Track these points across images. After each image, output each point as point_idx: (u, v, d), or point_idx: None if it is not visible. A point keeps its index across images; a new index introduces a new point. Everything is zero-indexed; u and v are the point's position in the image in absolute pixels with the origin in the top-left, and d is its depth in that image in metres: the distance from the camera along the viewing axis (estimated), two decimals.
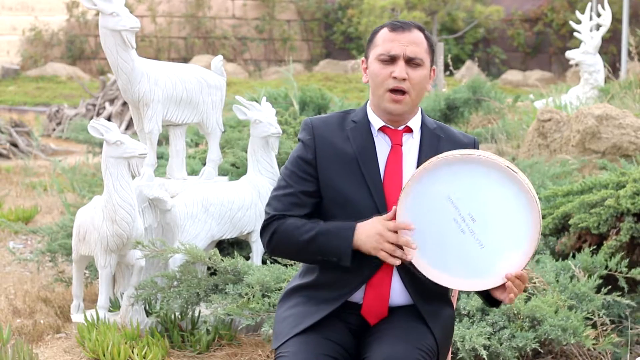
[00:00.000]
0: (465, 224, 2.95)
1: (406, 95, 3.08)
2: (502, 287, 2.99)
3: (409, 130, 3.15)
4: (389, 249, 2.96)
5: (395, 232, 2.97)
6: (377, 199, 3.06)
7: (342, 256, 3.01)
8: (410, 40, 3.07)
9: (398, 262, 2.98)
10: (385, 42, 3.09)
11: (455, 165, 2.96)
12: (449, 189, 2.96)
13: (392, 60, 3.08)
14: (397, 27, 3.09)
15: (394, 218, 2.98)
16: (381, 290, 3.09)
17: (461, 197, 2.95)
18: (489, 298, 3.09)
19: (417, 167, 3.08)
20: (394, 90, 3.07)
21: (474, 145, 3.20)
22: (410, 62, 3.07)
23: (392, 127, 3.13)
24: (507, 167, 2.94)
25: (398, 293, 3.11)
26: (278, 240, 3.10)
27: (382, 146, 3.13)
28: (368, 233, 2.99)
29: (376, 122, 3.14)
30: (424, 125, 3.18)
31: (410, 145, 3.14)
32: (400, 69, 3.06)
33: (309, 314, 3.09)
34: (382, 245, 2.97)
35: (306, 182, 3.11)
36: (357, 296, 3.12)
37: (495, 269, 2.97)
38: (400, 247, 2.97)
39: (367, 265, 3.07)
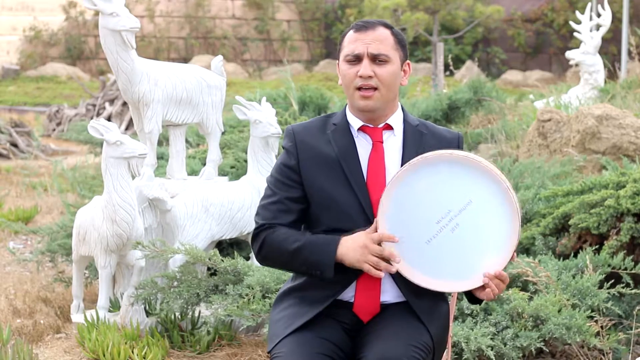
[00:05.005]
0: (447, 226, 2.98)
1: (376, 91, 3.11)
2: (483, 286, 3.03)
3: (389, 127, 3.18)
4: (373, 262, 3.00)
5: (379, 244, 3.00)
6: (361, 198, 3.10)
7: (324, 270, 3.05)
8: (374, 37, 3.11)
9: (382, 275, 3.01)
10: (350, 42, 3.14)
11: (439, 166, 2.98)
12: (431, 190, 2.98)
13: (357, 59, 3.12)
14: (361, 26, 3.14)
15: (376, 230, 3.01)
16: (371, 286, 3.12)
17: (444, 198, 2.97)
18: (470, 296, 3.14)
19: (401, 164, 3.12)
20: (362, 88, 3.11)
21: (458, 140, 3.23)
22: (376, 59, 3.11)
23: (372, 126, 3.17)
24: (496, 174, 2.97)
25: (389, 289, 3.14)
26: (266, 251, 3.15)
27: (364, 145, 3.16)
28: (352, 246, 3.02)
29: (355, 122, 3.17)
30: (406, 122, 3.21)
31: (393, 142, 3.17)
32: (364, 67, 3.10)
33: (302, 314, 3.12)
34: (366, 258, 3.00)
35: (291, 189, 3.15)
36: (349, 294, 3.14)
37: (475, 271, 3.00)
38: (384, 259, 3.01)
39: None
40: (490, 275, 2.99)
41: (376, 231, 3.00)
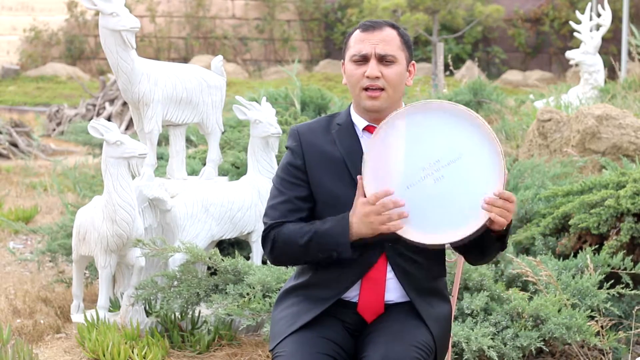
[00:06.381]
0: (432, 175, 2.96)
1: (383, 91, 3.11)
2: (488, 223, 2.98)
3: None
4: (384, 221, 2.96)
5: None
6: None
7: (341, 250, 3.03)
8: (381, 38, 3.11)
9: (402, 225, 2.96)
10: (356, 42, 3.13)
11: (428, 113, 2.98)
12: (419, 139, 2.97)
13: (364, 59, 3.12)
14: (368, 27, 3.14)
15: (363, 192, 2.99)
16: (376, 286, 3.12)
17: (434, 147, 2.96)
18: (487, 239, 3.06)
19: None
20: (369, 89, 3.11)
21: None
22: (383, 59, 3.10)
23: (376, 126, 3.16)
24: (466, 110, 2.97)
25: (393, 289, 3.14)
26: (279, 248, 3.12)
27: None
28: (358, 220, 3.00)
29: (360, 122, 3.17)
30: None
31: None
32: (372, 67, 3.10)
33: (304, 313, 3.11)
34: (375, 224, 2.98)
35: (298, 188, 3.15)
36: (353, 294, 3.14)
37: (467, 214, 2.95)
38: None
39: (361, 263, 3.09)
40: (490, 200, 2.94)
41: (364, 193, 2.99)
